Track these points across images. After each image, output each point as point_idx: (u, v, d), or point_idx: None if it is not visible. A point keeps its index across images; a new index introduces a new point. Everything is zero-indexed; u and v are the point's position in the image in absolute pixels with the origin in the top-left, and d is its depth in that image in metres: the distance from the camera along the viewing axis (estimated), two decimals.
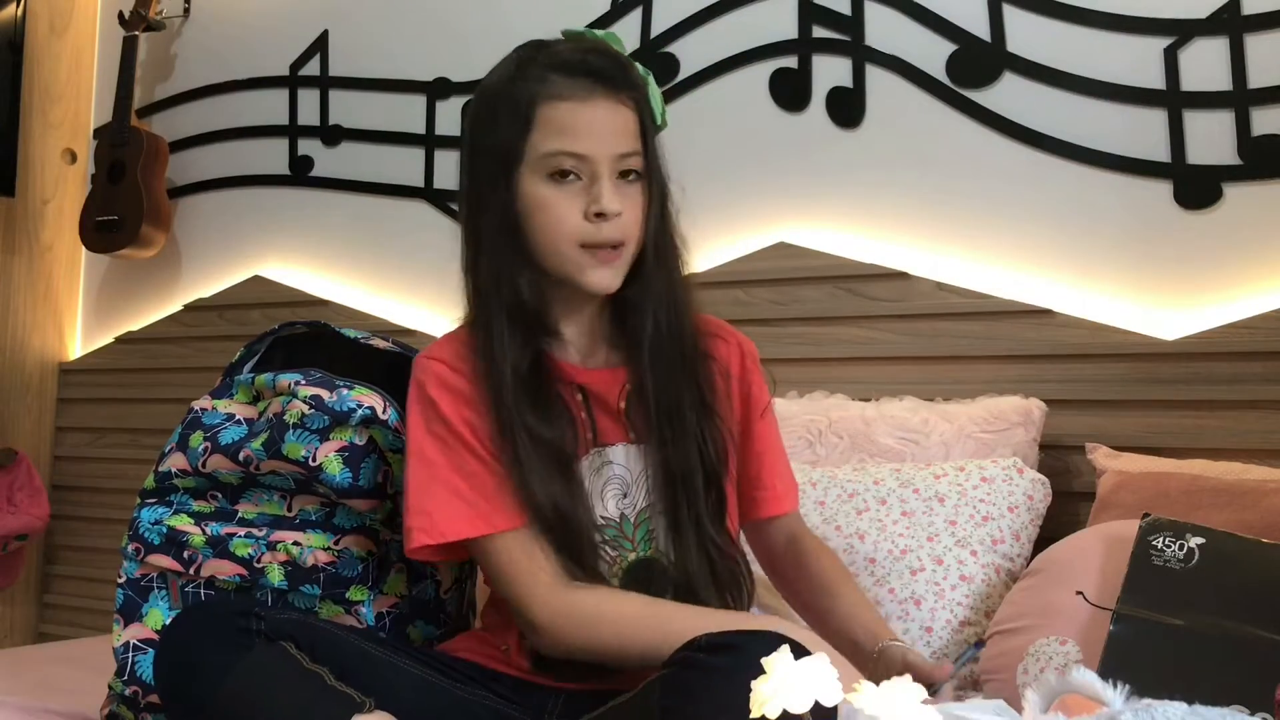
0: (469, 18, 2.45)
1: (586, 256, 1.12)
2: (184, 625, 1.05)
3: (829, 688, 0.68)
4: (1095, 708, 0.79)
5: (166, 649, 1.04)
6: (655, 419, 1.17)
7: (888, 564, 1.53)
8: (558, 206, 1.11)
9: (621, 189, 1.12)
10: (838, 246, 1.99)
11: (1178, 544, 1.27)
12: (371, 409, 1.20)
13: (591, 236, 1.11)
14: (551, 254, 1.12)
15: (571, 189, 1.11)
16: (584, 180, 1.11)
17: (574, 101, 1.10)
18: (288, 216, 2.65)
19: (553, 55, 1.14)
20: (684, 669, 0.93)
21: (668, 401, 1.16)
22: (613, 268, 1.13)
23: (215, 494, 1.25)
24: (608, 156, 1.11)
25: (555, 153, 1.10)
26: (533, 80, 1.12)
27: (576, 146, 1.10)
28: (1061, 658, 1.29)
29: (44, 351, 2.90)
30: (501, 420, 1.11)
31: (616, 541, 1.16)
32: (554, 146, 1.10)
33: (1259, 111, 1.70)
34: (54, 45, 2.91)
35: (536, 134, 1.11)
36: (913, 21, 1.97)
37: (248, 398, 1.28)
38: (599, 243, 1.11)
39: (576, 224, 1.11)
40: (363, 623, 1.18)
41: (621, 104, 1.12)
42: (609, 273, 1.13)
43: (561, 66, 1.12)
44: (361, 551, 1.19)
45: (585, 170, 1.11)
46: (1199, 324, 1.71)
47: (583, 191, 1.11)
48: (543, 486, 1.10)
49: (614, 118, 1.12)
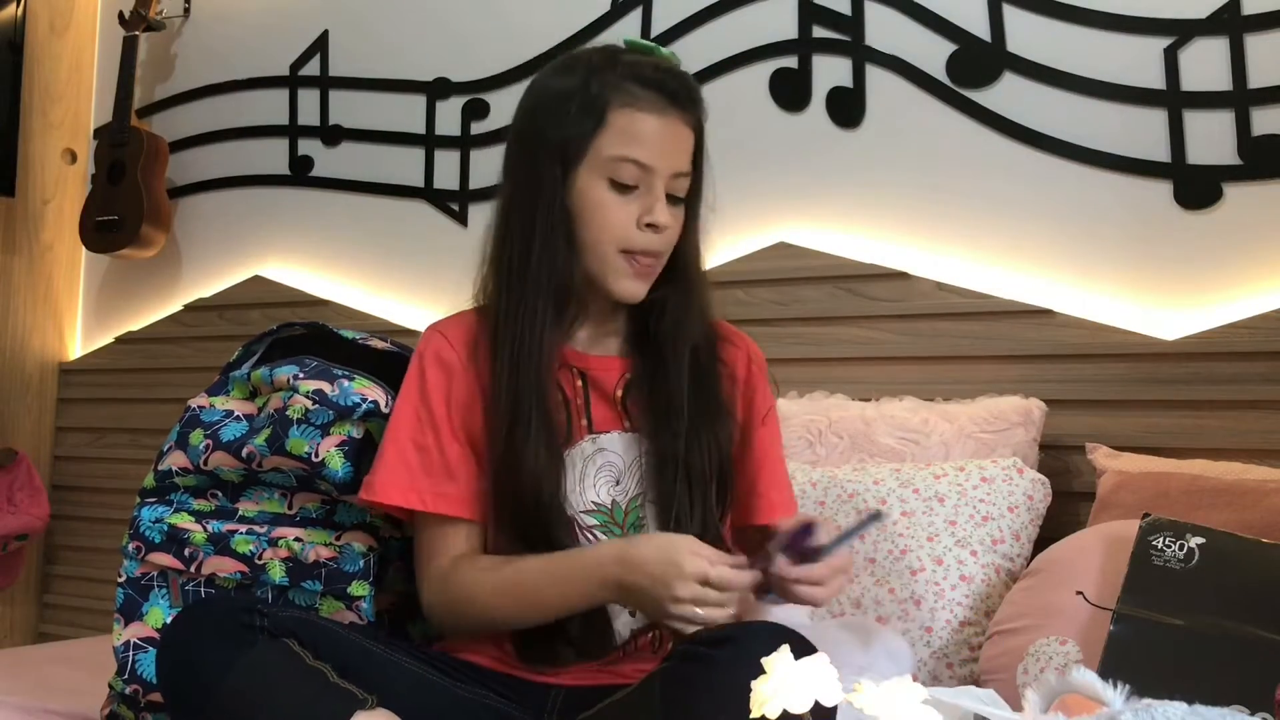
0: (469, 18, 2.45)
1: (625, 263, 1.15)
2: (185, 623, 1.05)
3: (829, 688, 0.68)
4: (1095, 708, 0.79)
5: (168, 647, 1.04)
6: (652, 410, 1.18)
7: (888, 564, 1.53)
8: (612, 210, 1.14)
9: (671, 209, 1.16)
10: (838, 246, 1.99)
11: (1178, 544, 1.27)
12: (375, 402, 1.20)
13: (637, 244, 1.14)
14: (593, 254, 1.15)
15: (629, 196, 1.14)
16: (640, 190, 1.14)
17: (649, 114, 1.14)
18: (288, 216, 2.65)
19: (632, 65, 1.16)
20: (685, 661, 0.94)
21: (668, 394, 1.18)
22: (645, 280, 1.17)
23: (216, 492, 1.25)
24: (667, 173, 1.14)
25: (622, 158, 1.13)
26: (610, 85, 1.14)
27: (643, 156, 1.13)
28: (1061, 658, 1.29)
29: (44, 351, 2.90)
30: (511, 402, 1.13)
31: (606, 527, 1.17)
32: (621, 152, 1.13)
33: (1259, 111, 1.70)
34: (54, 45, 2.91)
35: (605, 136, 1.14)
36: (913, 21, 1.97)
37: (244, 394, 1.28)
38: (642, 250, 1.15)
39: (626, 230, 1.14)
40: (363, 619, 1.18)
41: (687, 125, 1.16)
42: (641, 285, 1.17)
43: (639, 78, 1.15)
44: (362, 547, 1.19)
45: (645, 181, 1.14)
46: (1199, 324, 1.71)
47: (637, 200, 1.14)
48: (531, 473, 1.12)
49: (679, 136, 1.16)
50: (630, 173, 1.13)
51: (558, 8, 2.31)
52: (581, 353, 1.21)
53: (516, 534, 1.14)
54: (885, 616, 1.50)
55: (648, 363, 1.20)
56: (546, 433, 1.13)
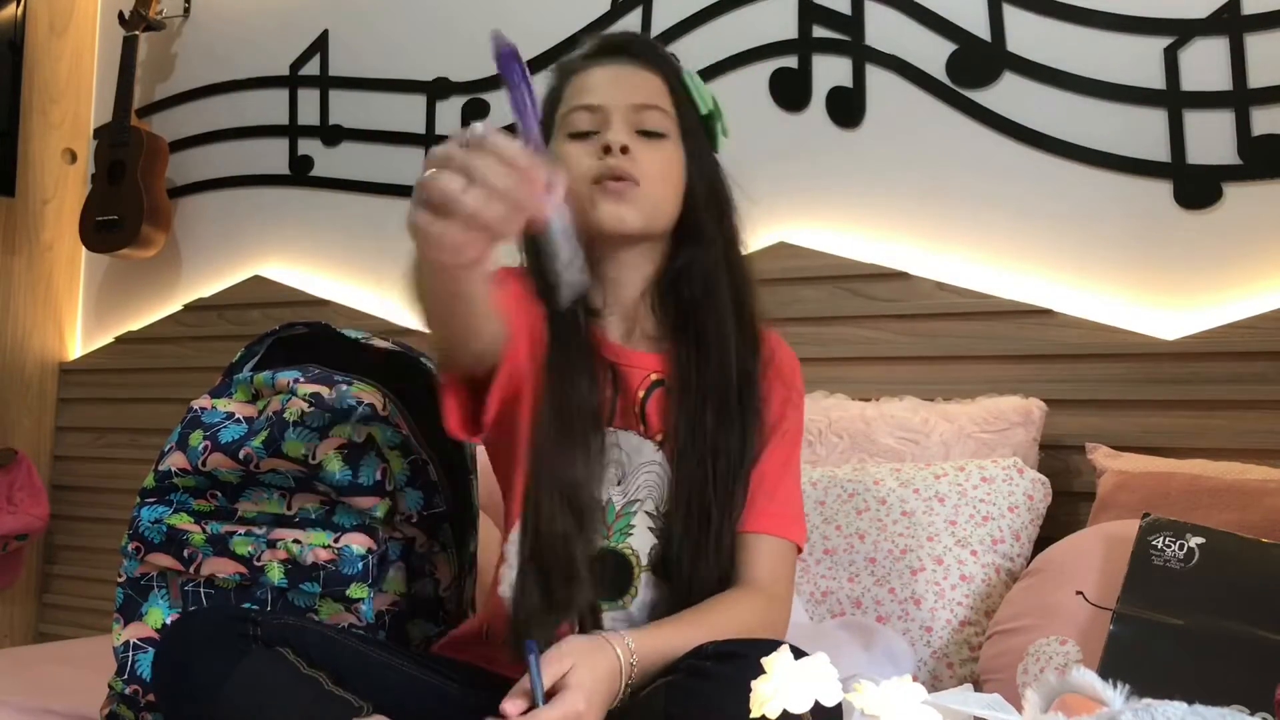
0: (469, 18, 2.45)
1: (596, 191, 1.13)
2: (179, 634, 1.04)
3: (829, 688, 0.68)
4: (1095, 708, 0.79)
5: (163, 657, 1.03)
6: (675, 420, 1.15)
7: (888, 564, 1.53)
8: (575, 157, 1.14)
9: (641, 141, 1.14)
10: (838, 246, 1.99)
11: (1178, 544, 1.27)
12: (371, 406, 1.20)
13: (600, 170, 1.13)
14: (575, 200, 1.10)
15: (589, 141, 1.15)
16: (600, 133, 1.15)
17: (591, 68, 1.18)
18: (288, 216, 2.65)
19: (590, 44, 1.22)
20: (690, 677, 0.92)
21: (693, 404, 1.14)
22: (624, 202, 1.13)
23: (215, 493, 1.25)
24: (620, 106, 1.15)
25: (571, 109, 1.16)
26: (565, 68, 1.21)
27: (588, 99, 1.16)
28: (1061, 658, 1.29)
29: (44, 351, 2.90)
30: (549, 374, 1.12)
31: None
32: (570, 105, 1.17)
33: (1259, 111, 1.70)
34: (54, 45, 2.91)
35: (562, 105, 1.18)
36: (913, 21, 1.97)
37: (247, 396, 1.28)
38: (606, 174, 1.13)
39: (590, 165, 1.14)
40: (363, 621, 1.18)
41: (641, 68, 1.18)
42: (620, 207, 1.13)
43: (590, 50, 1.20)
44: (361, 549, 1.19)
45: (599, 122, 1.15)
46: (1199, 324, 1.71)
47: (598, 141, 1.15)
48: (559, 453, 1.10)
49: (630, 76, 1.17)
50: (584, 120, 1.15)
51: (558, 7, 2.31)
52: (616, 345, 1.19)
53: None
54: (885, 616, 1.50)
55: (681, 360, 1.16)
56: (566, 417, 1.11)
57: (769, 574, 1.13)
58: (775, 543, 1.15)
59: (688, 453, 1.14)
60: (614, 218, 1.14)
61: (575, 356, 1.14)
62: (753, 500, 1.15)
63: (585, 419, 1.12)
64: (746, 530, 1.14)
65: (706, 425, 1.13)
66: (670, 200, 1.17)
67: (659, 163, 1.15)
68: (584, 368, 1.14)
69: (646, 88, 1.17)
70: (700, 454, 1.13)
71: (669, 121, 1.17)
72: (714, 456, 1.13)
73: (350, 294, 2.54)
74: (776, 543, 1.15)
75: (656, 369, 1.18)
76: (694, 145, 1.19)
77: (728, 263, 1.20)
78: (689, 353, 1.17)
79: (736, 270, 1.21)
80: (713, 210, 1.20)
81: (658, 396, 1.17)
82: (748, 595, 1.11)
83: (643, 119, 1.15)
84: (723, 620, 1.07)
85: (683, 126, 1.18)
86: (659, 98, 1.17)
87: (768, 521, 1.15)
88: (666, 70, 1.19)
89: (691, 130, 1.19)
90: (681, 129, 1.18)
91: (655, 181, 1.15)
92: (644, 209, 1.15)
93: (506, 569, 1.14)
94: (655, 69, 1.18)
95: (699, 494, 1.12)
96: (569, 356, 1.13)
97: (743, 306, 1.19)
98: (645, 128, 1.15)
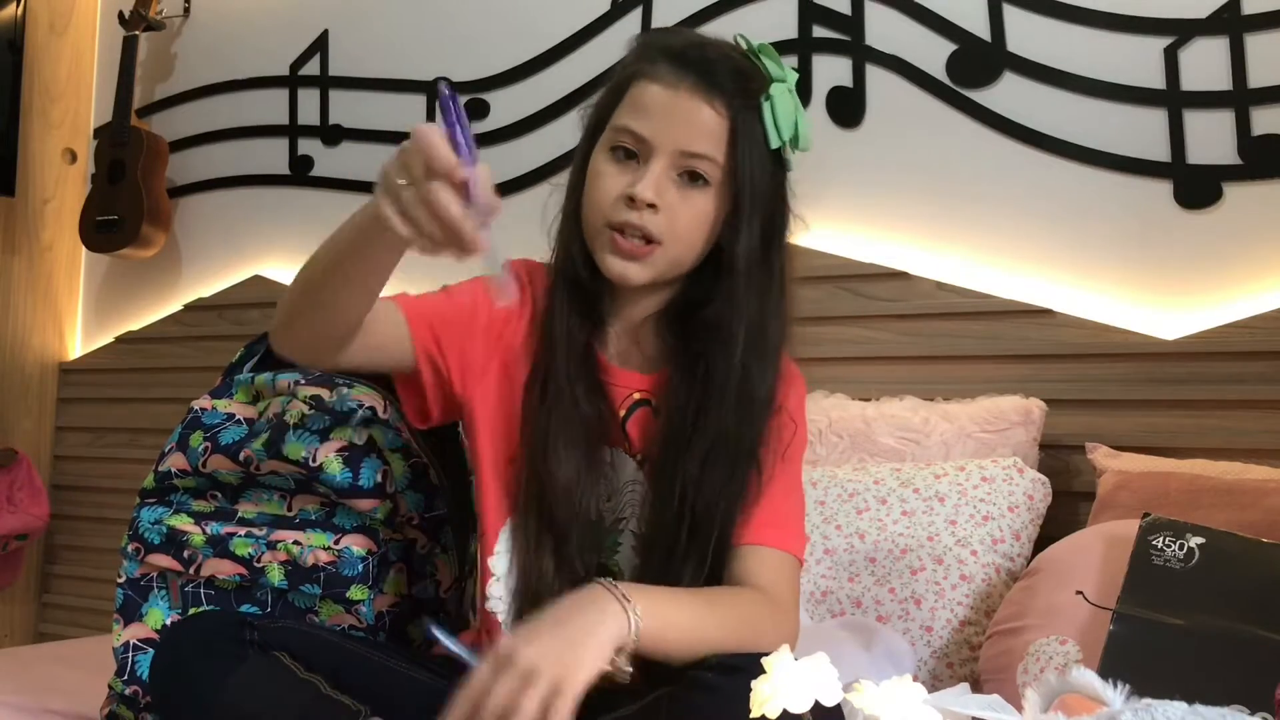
0: (469, 18, 2.45)
1: (608, 237, 1.07)
2: (176, 639, 1.04)
3: (829, 688, 0.68)
4: (1095, 708, 0.79)
5: (160, 663, 1.03)
6: (658, 440, 1.11)
7: (888, 564, 1.53)
8: (605, 179, 1.07)
9: (680, 188, 1.06)
10: (837, 246, 1.99)
11: (1178, 544, 1.27)
12: (372, 409, 1.20)
13: (616, 217, 1.06)
14: (587, 228, 1.09)
15: (626, 167, 1.07)
16: (640, 164, 1.07)
17: (659, 85, 1.06)
18: (288, 216, 2.65)
19: (668, 41, 1.10)
20: (692, 689, 0.91)
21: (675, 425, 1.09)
22: (637, 263, 1.07)
23: (215, 494, 1.25)
24: (670, 148, 1.05)
25: (621, 128, 1.07)
26: (641, 60, 1.09)
27: (640, 127, 1.06)
28: (1061, 658, 1.29)
29: (44, 351, 2.90)
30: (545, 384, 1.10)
31: None
32: (623, 122, 1.07)
33: (1259, 111, 1.70)
34: (54, 45, 2.91)
35: (619, 109, 1.09)
36: (913, 21, 1.97)
37: (247, 397, 1.28)
38: (621, 224, 1.06)
39: (611, 201, 1.06)
40: (363, 622, 1.18)
41: (710, 105, 1.05)
42: (623, 264, 1.07)
43: (667, 51, 1.08)
44: (361, 551, 1.19)
45: (644, 154, 1.06)
46: (1199, 324, 1.71)
47: (634, 172, 1.06)
48: (561, 465, 1.08)
49: (694, 113, 1.05)
50: (630, 142, 1.07)
51: (558, 7, 2.31)
52: (608, 363, 1.15)
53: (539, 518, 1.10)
54: (885, 616, 1.50)
55: (674, 384, 1.11)
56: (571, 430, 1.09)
57: (771, 584, 1.09)
58: (776, 555, 1.11)
59: (664, 476, 1.10)
60: (619, 273, 1.08)
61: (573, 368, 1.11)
62: (753, 514, 1.10)
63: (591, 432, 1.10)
64: (746, 543, 1.09)
65: (690, 453, 1.08)
66: (693, 252, 1.09)
67: (689, 217, 1.07)
68: (581, 378, 1.11)
69: (706, 132, 1.05)
70: (678, 480, 1.08)
71: (718, 171, 1.06)
72: (695, 485, 1.07)
73: None
74: (778, 555, 1.11)
75: (642, 388, 1.15)
76: (752, 187, 1.07)
77: (761, 302, 1.10)
78: (684, 379, 1.10)
79: (770, 309, 1.11)
80: (757, 250, 1.09)
81: (640, 416, 1.14)
82: (750, 589, 1.08)
83: (689, 163, 1.06)
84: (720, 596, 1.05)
85: (739, 173, 1.06)
86: (715, 145, 1.06)
87: (768, 534, 1.10)
88: (738, 109, 1.06)
89: (744, 180, 1.07)
90: (736, 175, 1.07)
91: (679, 240, 1.07)
92: (658, 268, 1.08)
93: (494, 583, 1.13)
94: (726, 104, 1.06)
95: (673, 518, 1.08)
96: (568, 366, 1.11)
97: (765, 342, 1.10)
98: (689, 169, 1.06)
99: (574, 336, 1.11)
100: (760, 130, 1.08)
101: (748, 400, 1.09)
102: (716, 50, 1.09)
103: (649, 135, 1.06)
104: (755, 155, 1.07)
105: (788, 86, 1.10)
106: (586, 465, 1.10)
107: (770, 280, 1.11)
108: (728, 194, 1.08)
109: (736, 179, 1.07)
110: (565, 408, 1.09)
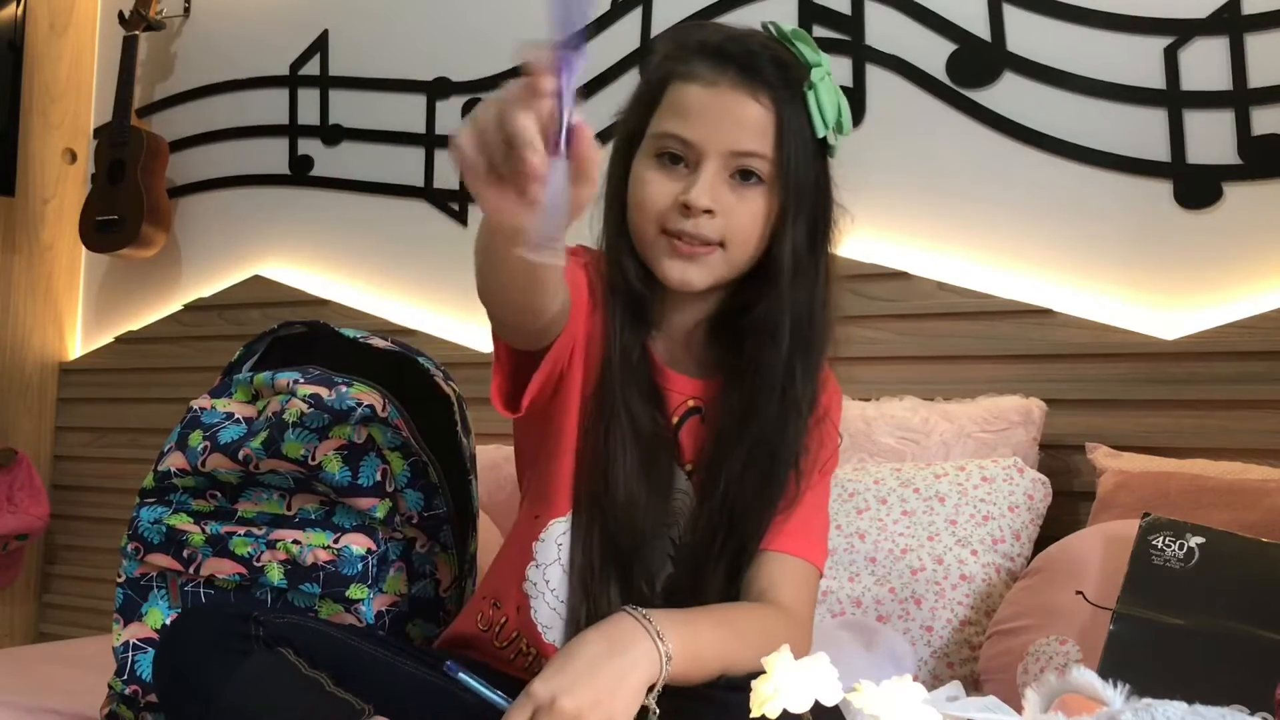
0: (469, 18, 2.45)
1: (665, 243, 1.04)
2: (180, 634, 1.03)
3: (829, 688, 0.68)
4: (1095, 708, 0.79)
5: (163, 657, 1.02)
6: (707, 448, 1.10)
7: (888, 563, 1.53)
8: (653, 186, 1.04)
9: (734, 189, 1.04)
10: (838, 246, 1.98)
11: (1178, 544, 1.27)
12: (371, 407, 1.20)
13: (671, 224, 1.03)
14: (639, 237, 1.06)
15: (674, 173, 1.04)
16: (689, 168, 1.04)
17: (699, 85, 1.03)
18: (288, 216, 2.65)
19: (701, 36, 1.06)
20: (704, 705, 0.91)
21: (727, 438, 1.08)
22: (696, 264, 1.04)
23: (215, 493, 1.25)
24: (719, 150, 1.02)
25: (664, 134, 1.04)
26: (674, 59, 1.06)
27: (686, 131, 1.03)
28: (1061, 658, 1.29)
29: (44, 351, 2.90)
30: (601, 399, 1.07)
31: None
32: (665, 128, 1.04)
33: (1259, 111, 1.70)
34: (54, 45, 2.91)
35: (658, 114, 1.05)
36: (913, 21, 1.97)
37: (246, 396, 1.28)
38: (677, 232, 1.03)
39: (663, 207, 1.03)
40: (362, 621, 1.18)
41: (755, 99, 1.02)
42: (688, 268, 1.04)
43: (702, 48, 1.04)
44: (361, 550, 1.19)
45: (692, 158, 1.03)
46: (1199, 324, 1.71)
47: (683, 178, 1.03)
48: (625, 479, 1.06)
49: (740, 111, 1.02)
50: (675, 148, 1.03)
51: None
52: (661, 366, 1.13)
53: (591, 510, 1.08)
54: (885, 616, 1.50)
55: (726, 393, 1.09)
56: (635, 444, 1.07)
57: (793, 598, 1.08)
58: (801, 566, 1.10)
59: (712, 488, 1.09)
60: (680, 279, 1.05)
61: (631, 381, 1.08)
62: (786, 520, 1.09)
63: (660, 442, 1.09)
64: (774, 549, 1.09)
65: (737, 464, 1.07)
66: (751, 252, 1.07)
67: (747, 216, 1.04)
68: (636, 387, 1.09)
69: (753, 128, 1.02)
70: (725, 492, 1.08)
71: (768, 166, 1.04)
72: (737, 485, 1.07)
73: (350, 294, 2.53)
74: (803, 566, 1.10)
75: (696, 395, 1.13)
76: (793, 190, 1.05)
77: (809, 300, 1.08)
78: (734, 386, 1.09)
79: (817, 307, 1.09)
80: (804, 247, 1.07)
81: (692, 425, 1.13)
82: (772, 608, 1.07)
83: (741, 162, 1.03)
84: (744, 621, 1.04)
85: (785, 168, 1.04)
86: (763, 141, 1.03)
87: (796, 542, 1.09)
88: (782, 101, 1.03)
89: (791, 174, 1.04)
90: (784, 168, 1.04)
91: (739, 241, 1.05)
92: (718, 271, 1.06)
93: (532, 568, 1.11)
94: (769, 101, 1.03)
95: (713, 525, 1.08)
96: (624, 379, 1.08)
97: (810, 348, 1.09)
98: (741, 167, 1.04)
99: (629, 350, 1.09)
100: (803, 120, 1.05)
101: (793, 400, 1.07)
102: (754, 41, 1.05)
103: (696, 139, 1.03)
104: (800, 148, 1.05)
105: (826, 70, 1.07)
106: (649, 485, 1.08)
107: (816, 277, 1.09)
108: (777, 190, 1.05)
109: (784, 174, 1.04)
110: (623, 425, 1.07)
